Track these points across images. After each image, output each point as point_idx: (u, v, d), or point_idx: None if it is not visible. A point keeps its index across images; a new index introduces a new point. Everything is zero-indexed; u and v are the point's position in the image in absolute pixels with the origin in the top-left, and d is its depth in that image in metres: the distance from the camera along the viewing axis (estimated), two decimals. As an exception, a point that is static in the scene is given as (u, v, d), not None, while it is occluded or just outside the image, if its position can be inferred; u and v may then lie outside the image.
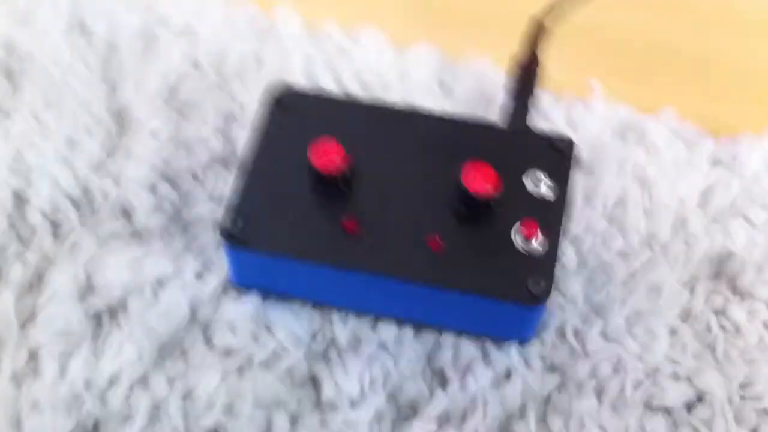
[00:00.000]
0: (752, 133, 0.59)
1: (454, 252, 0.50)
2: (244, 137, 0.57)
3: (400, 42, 0.63)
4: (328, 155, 0.50)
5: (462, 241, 0.50)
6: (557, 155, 0.53)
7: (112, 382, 0.51)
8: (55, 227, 0.55)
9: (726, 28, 0.65)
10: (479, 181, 0.49)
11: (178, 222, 0.56)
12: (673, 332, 0.53)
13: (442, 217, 0.51)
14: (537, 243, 0.50)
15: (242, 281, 0.54)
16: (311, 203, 0.51)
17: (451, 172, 0.50)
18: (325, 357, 0.53)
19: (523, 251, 0.50)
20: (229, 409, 0.51)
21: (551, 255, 0.50)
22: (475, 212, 0.51)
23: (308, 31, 0.63)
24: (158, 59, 0.60)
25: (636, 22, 0.65)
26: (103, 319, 0.53)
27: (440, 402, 0.51)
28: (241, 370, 0.52)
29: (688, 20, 0.65)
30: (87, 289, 0.54)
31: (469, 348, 0.53)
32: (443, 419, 0.51)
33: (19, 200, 0.56)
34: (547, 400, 0.52)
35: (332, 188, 0.51)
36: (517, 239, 0.50)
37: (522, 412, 0.51)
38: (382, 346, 0.53)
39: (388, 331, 0.53)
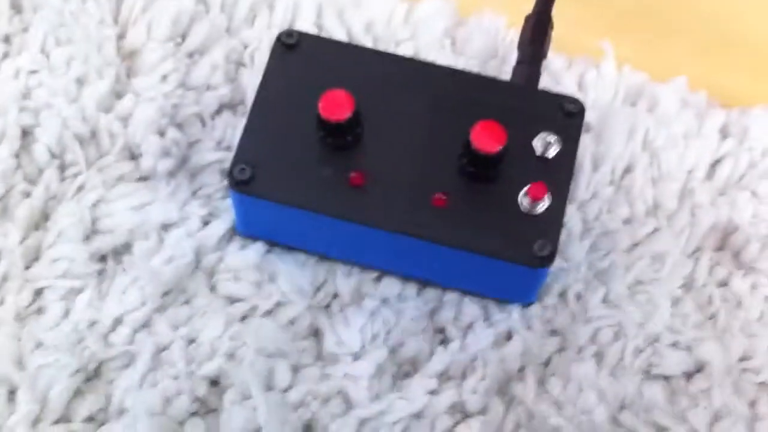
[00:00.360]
0: (764, 106, 0.59)
1: (460, 210, 0.50)
2: (253, 84, 0.57)
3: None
4: (338, 106, 0.50)
5: (468, 199, 0.50)
6: (568, 118, 0.52)
7: (116, 324, 0.51)
8: (63, 167, 0.55)
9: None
10: (488, 140, 0.49)
11: (186, 168, 0.56)
12: (675, 302, 0.54)
13: (450, 175, 0.51)
14: (544, 206, 0.50)
15: (248, 230, 0.54)
16: (319, 153, 0.51)
17: (461, 129, 0.50)
18: (327, 309, 0.53)
19: (529, 214, 0.50)
20: (232, 357, 0.51)
21: (557, 219, 0.50)
22: (482, 171, 0.50)
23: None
24: (170, 2, 0.60)
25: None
26: (108, 261, 0.53)
27: (441, 359, 0.52)
28: (244, 319, 0.52)
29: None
30: (92, 231, 0.54)
31: (471, 307, 0.53)
32: (443, 377, 0.52)
33: (28, 138, 0.55)
34: (546, 363, 0.52)
35: (340, 139, 0.51)
36: (524, 201, 0.50)
37: (521, 373, 0.52)
38: (385, 301, 0.53)
39: (391, 286, 0.53)
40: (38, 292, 0.52)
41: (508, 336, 0.53)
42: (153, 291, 0.52)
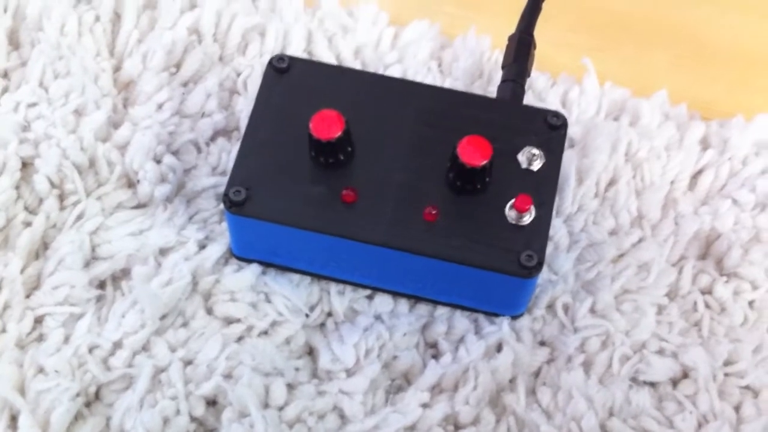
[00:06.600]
0: (743, 117, 0.60)
1: (449, 224, 0.51)
2: (247, 111, 0.58)
3: (399, 20, 0.64)
4: (328, 125, 0.51)
5: (457, 213, 0.51)
6: (551, 131, 0.54)
7: (116, 348, 0.53)
8: (62, 196, 0.57)
9: (724, 11, 0.66)
10: (474, 153, 0.50)
11: (183, 193, 0.57)
12: (660, 310, 0.55)
13: (439, 189, 0.52)
14: (530, 217, 0.51)
15: (243, 252, 0.55)
16: (311, 172, 0.52)
17: (449, 144, 0.51)
18: (322, 328, 0.54)
19: (516, 225, 0.51)
20: (229, 377, 0.52)
21: (543, 229, 0.51)
22: (470, 185, 0.52)
23: (309, 8, 0.64)
24: (164, 33, 0.61)
25: (635, 4, 0.66)
26: (107, 287, 0.55)
27: (433, 372, 0.53)
28: (240, 339, 0.53)
29: (686, 3, 0.66)
30: (92, 258, 0.55)
31: (462, 321, 0.54)
32: (435, 390, 0.53)
33: (28, 169, 0.57)
34: (536, 373, 0.53)
35: (332, 158, 0.52)
36: (511, 214, 0.51)
37: (512, 383, 0.53)
38: (378, 318, 0.54)
39: (384, 303, 0.55)
40: (39, 319, 0.53)
41: (499, 348, 0.54)
42: (151, 314, 0.53)
